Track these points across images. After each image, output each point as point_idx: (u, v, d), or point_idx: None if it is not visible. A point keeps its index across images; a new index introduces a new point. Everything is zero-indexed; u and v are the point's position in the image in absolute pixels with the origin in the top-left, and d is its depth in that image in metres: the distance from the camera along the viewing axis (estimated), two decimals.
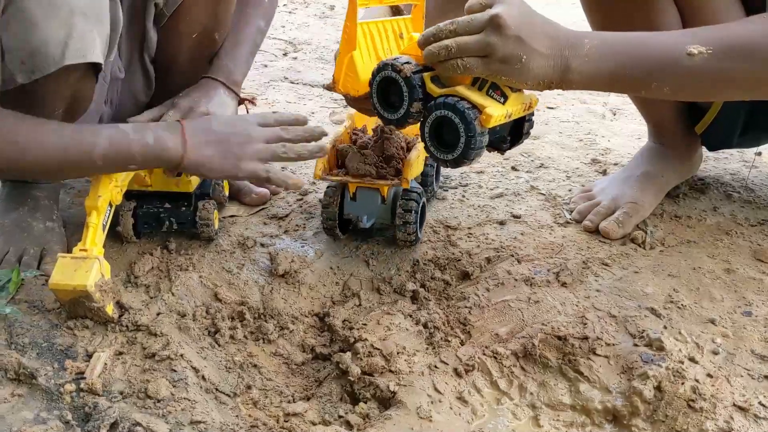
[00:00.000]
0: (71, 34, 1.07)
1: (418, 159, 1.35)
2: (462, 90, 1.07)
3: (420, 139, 1.27)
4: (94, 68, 1.16)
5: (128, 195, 1.32)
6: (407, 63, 1.10)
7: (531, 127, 1.20)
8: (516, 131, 1.19)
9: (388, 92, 1.14)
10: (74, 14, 1.07)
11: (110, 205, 1.21)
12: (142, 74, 1.41)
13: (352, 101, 1.27)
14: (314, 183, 1.61)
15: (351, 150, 1.35)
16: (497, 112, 1.06)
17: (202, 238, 1.37)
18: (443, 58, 1.05)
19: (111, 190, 1.20)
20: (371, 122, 1.49)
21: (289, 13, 3.20)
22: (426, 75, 1.10)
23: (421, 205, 1.35)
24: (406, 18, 1.31)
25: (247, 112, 1.41)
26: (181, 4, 1.33)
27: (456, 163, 1.11)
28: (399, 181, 1.30)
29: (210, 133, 1.18)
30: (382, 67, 1.12)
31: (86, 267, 1.10)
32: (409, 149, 1.38)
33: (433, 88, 1.09)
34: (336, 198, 1.35)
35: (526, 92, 1.12)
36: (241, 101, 1.39)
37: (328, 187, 1.37)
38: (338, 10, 3.31)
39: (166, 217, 1.35)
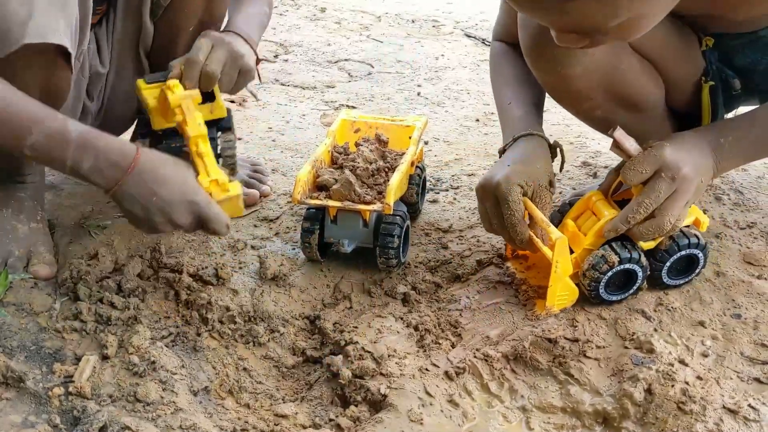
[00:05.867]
0: (32, 14, 1.03)
1: (401, 181, 1.31)
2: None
3: (405, 163, 1.31)
4: (64, 56, 1.11)
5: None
6: (627, 251, 1.18)
7: None
8: None
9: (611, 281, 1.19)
10: None
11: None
12: (135, 69, 1.40)
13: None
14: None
15: (336, 178, 1.29)
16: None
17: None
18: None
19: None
20: (352, 140, 1.44)
21: (280, 15, 3.19)
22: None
23: (404, 228, 1.31)
24: None
25: (259, 75, 1.37)
26: None
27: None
28: (381, 206, 1.26)
29: (155, 179, 1.09)
30: (612, 263, 1.16)
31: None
32: (392, 169, 1.34)
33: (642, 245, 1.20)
34: (316, 222, 1.30)
35: None
36: (257, 60, 1.35)
37: (308, 210, 1.32)
38: (329, 12, 3.31)
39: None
